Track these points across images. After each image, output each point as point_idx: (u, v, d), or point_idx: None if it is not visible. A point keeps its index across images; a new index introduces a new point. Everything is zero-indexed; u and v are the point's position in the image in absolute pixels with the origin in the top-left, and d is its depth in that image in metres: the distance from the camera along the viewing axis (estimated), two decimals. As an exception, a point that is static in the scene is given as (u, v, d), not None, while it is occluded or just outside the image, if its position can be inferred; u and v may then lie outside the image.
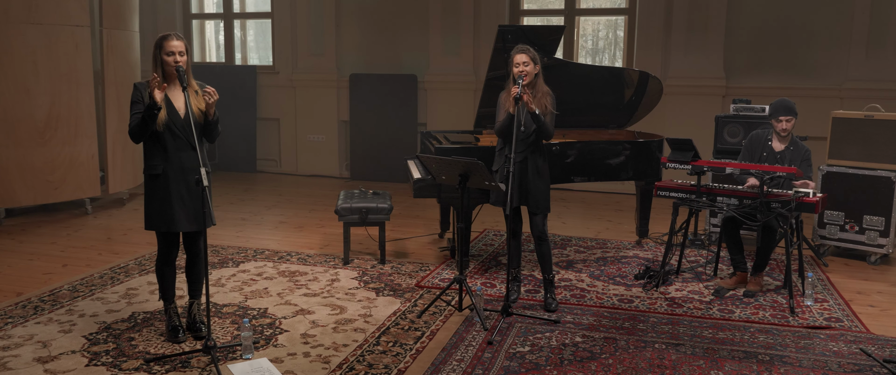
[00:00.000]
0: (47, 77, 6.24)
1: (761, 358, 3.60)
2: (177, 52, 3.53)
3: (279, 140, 9.21)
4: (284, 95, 9.09)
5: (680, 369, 3.47)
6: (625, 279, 4.88)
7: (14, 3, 6.00)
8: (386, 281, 4.75)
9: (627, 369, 3.46)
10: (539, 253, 4.31)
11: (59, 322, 3.94)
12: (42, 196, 6.34)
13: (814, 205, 4.14)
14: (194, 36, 9.60)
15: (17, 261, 5.14)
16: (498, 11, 8.16)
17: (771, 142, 4.63)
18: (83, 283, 4.62)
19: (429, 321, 4.04)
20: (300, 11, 8.81)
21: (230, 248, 5.51)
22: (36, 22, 6.10)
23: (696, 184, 4.51)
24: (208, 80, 3.92)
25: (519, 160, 4.13)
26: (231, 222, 6.43)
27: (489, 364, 3.49)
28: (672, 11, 7.71)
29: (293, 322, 4.01)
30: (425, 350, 3.64)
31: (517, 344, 3.73)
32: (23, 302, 4.26)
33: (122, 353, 3.55)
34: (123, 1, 6.98)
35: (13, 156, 6.13)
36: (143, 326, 3.91)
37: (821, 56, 7.42)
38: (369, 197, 5.20)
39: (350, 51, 8.77)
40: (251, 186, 8.29)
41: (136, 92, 3.58)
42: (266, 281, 4.70)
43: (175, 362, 3.45)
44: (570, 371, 3.43)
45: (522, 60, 4.09)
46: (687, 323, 4.06)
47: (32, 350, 3.57)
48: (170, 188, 3.55)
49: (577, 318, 4.12)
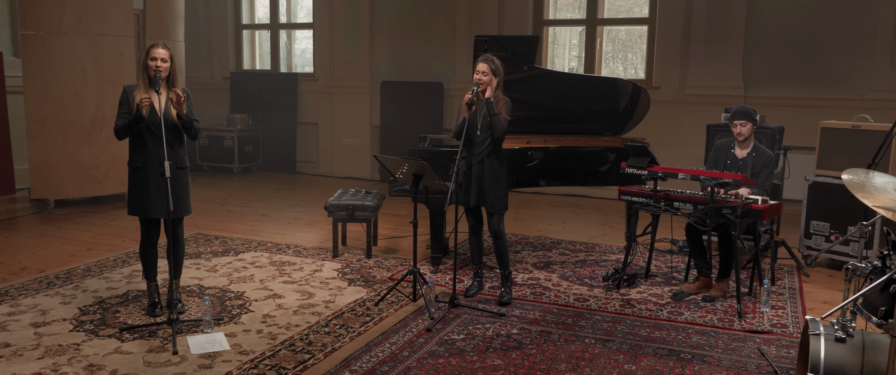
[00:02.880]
0: (94, 82, 6.96)
1: (683, 357, 3.73)
2: (159, 58, 3.99)
3: (318, 143, 9.75)
4: (322, 101, 9.63)
5: (596, 362, 3.65)
6: (593, 280, 5.05)
7: (67, 16, 6.75)
8: (364, 273, 5.11)
9: (545, 359, 3.68)
10: (496, 250, 4.56)
11: (62, 295, 4.50)
12: (87, 189, 7.07)
13: (761, 212, 4.21)
14: (245, 44, 10.31)
15: (51, 244, 5.81)
16: (521, 21, 8.41)
17: (733, 149, 4.71)
18: (97, 265, 5.20)
19: (384, 309, 4.37)
20: (338, 22, 9.34)
21: (238, 239, 6.01)
22: (85, 33, 6.83)
23: (651, 188, 4.64)
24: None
25: (476, 162, 4.40)
26: (251, 217, 6.96)
27: (418, 348, 3.78)
28: (691, 21, 7.75)
29: (261, 304, 4.42)
30: (366, 333, 3.97)
31: (454, 332, 4.00)
32: (40, 278, 4.87)
33: (104, 323, 4.05)
34: (166, 13, 7.67)
35: (62, 153, 6.88)
36: (132, 302, 4.42)
37: (843, 66, 7.28)
38: (360, 197, 5.58)
39: (382, 59, 9.22)
40: (285, 186, 8.84)
41: (123, 94, 4.07)
42: (255, 269, 5.15)
43: (144, 332, 3.92)
44: (490, 358, 3.67)
45: (482, 69, 4.37)
46: (628, 322, 4.21)
47: (31, 317, 4.13)
48: (148, 179, 4.02)
49: (525, 313, 4.34)
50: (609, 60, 8.70)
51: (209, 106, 10.30)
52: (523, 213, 7.39)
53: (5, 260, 5.32)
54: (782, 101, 7.38)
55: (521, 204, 7.89)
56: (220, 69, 10.27)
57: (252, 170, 9.88)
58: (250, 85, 9.87)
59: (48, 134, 6.80)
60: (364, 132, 9.41)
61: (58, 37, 6.75)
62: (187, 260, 5.33)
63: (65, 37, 6.77)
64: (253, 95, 9.80)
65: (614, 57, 8.75)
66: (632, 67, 8.61)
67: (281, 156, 9.85)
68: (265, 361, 3.58)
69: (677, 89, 7.90)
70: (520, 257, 5.63)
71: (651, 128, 7.85)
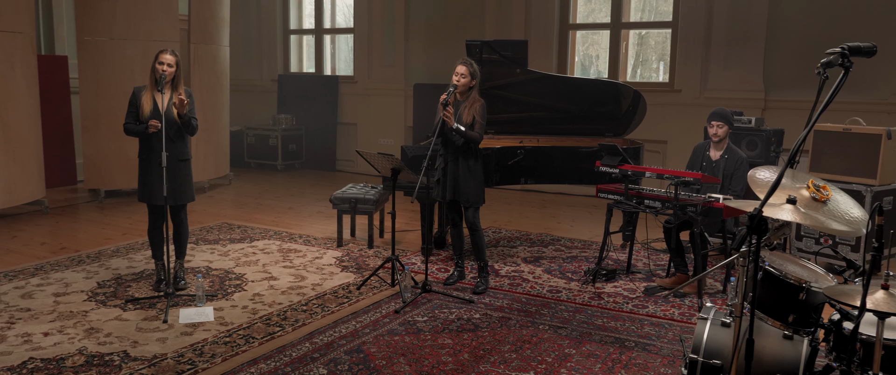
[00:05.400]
0: (142, 83, 7.61)
1: (627, 345, 3.92)
2: (166, 63, 4.49)
3: (356, 143, 10.23)
4: (360, 103, 10.11)
5: (540, 346, 3.89)
6: (575, 275, 5.26)
7: (118, 23, 7.45)
8: (360, 262, 5.49)
9: (494, 341, 3.95)
10: (472, 242, 4.85)
11: (87, 271, 5.09)
12: (133, 181, 7.69)
13: (721, 210, 4.35)
14: (292, 48, 10.93)
15: (93, 229, 6.46)
16: (547, 26, 8.63)
17: (708, 151, 4.84)
18: (126, 247, 5.79)
19: (365, 293, 4.73)
20: (376, 27, 9.80)
21: (257, 229, 6.51)
22: (134, 38, 7.51)
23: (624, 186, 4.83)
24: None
25: (451, 159, 4.71)
26: (277, 210, 7.47)
27: (380, 327, 4.12)
28: (712, 24, 7.78)
29: (256, 284, 4.87)
30: (338, 312, 4.34)
31: (420, 315, 4.32)
32: (74, 257, 5.48)
33: (115, 295, 4.59)
34: (211, 19, 8.30)
35: (112, 148, 7.57)
36: (144, 279, 4.95)
37: (867, 69, 7.15)
38: (364, 191, 5.97)
39: (416, 63, 9.62)
40: (323, 183, 9.35)
41: (133, 96, 4.60)
42: (263, 255, 5.62)
43: (145, 304, 4.42)
44: (442, 338, 3.97)
45: (461, 71, 4.69)
46: (589, 313, 4.42)
47: (55, 288, 4.71)
48: (152, 169, 4.52)
49: (494, 301, 4.62)
50: (640, 64, 8.80)
51: (257, 107, 10.97)
52: (536, 212, 7.61)
53: (49, 241, 5.98)
54: (804, 105, 7.31)
55: (542, 203, 8.11)
56: (269, 72, 10.92)
57: (295, 167, 10.46)
58: (295, 87, 10.46)
59: (100, 130, 7.51)
60: (398, 132, 9.83)
61: (110, 42, 7.45)
62: (204, 244, 5.85)
63: (116, 42, 7.46)
64: (298, 97, 10.38)
65: (648, 62, 8.84)
66: (655, 72, 8.68)
67: (322, 155, 10.39)
68: (240, 332, 4.00)
69: (698, 92, 7.94)
70: (515, 252, 5.88)
71: (671, 130, 7.95)
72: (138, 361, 3.58)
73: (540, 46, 8.64)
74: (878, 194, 5.09)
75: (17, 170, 6.64)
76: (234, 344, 3.82)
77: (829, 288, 2.39)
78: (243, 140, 10.48)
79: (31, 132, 6.83)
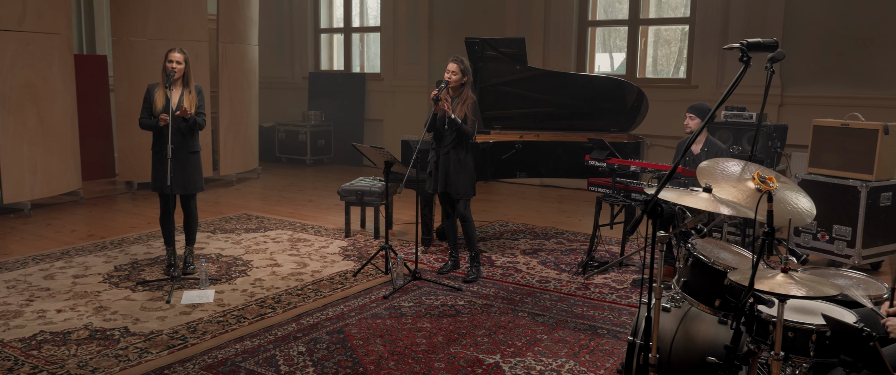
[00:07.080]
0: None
1: (599, 332, 4.05)
2: (175, 61, 4.81)
3: (382, 139, 10.50)
4: (386, 99, 10.38)
5: (514, 331, 4.05)
6: (569, 266, 5.39)
7: (150, 24, 7.87)
8: (362, 251, 5.73)
9: (471, 325, 4.12)
10: (464, 233, 5.03)
11: (107, 256, 5.46)
12: (165, 173, 8.16)
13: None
14: (322, 46, 11.26)
15: (121, 218, 6.88)
16: (566, 22, 8.73)
17: (692, 145, 4.91)
18: (148, 235, 6.16)
19: (360, 279, 4.96)
20: (401, 25, 10.05)
21: (274, 219, 6.82)
22: (164, 38, 7.92)
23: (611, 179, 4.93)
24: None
25: (443, 153, 4.91)
26: (297, 202, 7.78)
27: (366, 311, 4.34)
28: (729, 19, 7.76)
29: (259, 270, 5.15)
30: (330, 297, 4.58)
31: (407, 301, 4.52)
32: (99, 243, 5.87)
33: (128, 278, 4.93)
34: (239, 20, 8.67)
35: (144, 143, 7.96)
36: (158, 264, 5.29)
37: (885, 65, 7.06)
38: (372, 183, 6.21)
39: (439, 60, 9.82)
40: (348, 177, 9.60)
41: (147, 93, 4.92)
42: (273, 244, 5.91)
43: (153, 286, 4.74)
44: (422, 322, 4.17)
45: (452, 69, 4.88)
46: (571, 302, 4.56)
47: (75, 270, 5.08)
48: (163, 161, 4.85)
49: (483, 290, 4.79)
50: (659, 59, 8.82)
51: (289, 103, 11.35)
52: (549, 207, 7.74)
53: (79, 229, 6.41)
54: (821, 101, 7.25)
55: (559, 198, 8.22)
56: (300, 69, 11.29)
57: (324, 162, 10.79)
58: (325, 84, 10.80)
59: (133, 125, 7.91)
60: (421, 128, 10.02)
61: (142, 42, 7.87)
62: (221, 233, 6.18)
63: (148, 42, 7.88)
64: (327, 93, 10.72)
65: (669, 58, 8.85)
66: (676, 68, 8.68)
67: (349, 150, 10.69)
68: (234, 312, 4.28)
69: (714, 88, 7.93)
70: (516, 244, 6.03)
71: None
72: (136, 336, 3.89)
73: (558, 45, 8.74)
74: (874, 190, 5.07)
75: (54, 163, 7.11)
76: (226, 323, 4.09)
77: (735, 272, 2.49)
78: (274, 135, 10.87)
79: (68, 127, 7.29)
